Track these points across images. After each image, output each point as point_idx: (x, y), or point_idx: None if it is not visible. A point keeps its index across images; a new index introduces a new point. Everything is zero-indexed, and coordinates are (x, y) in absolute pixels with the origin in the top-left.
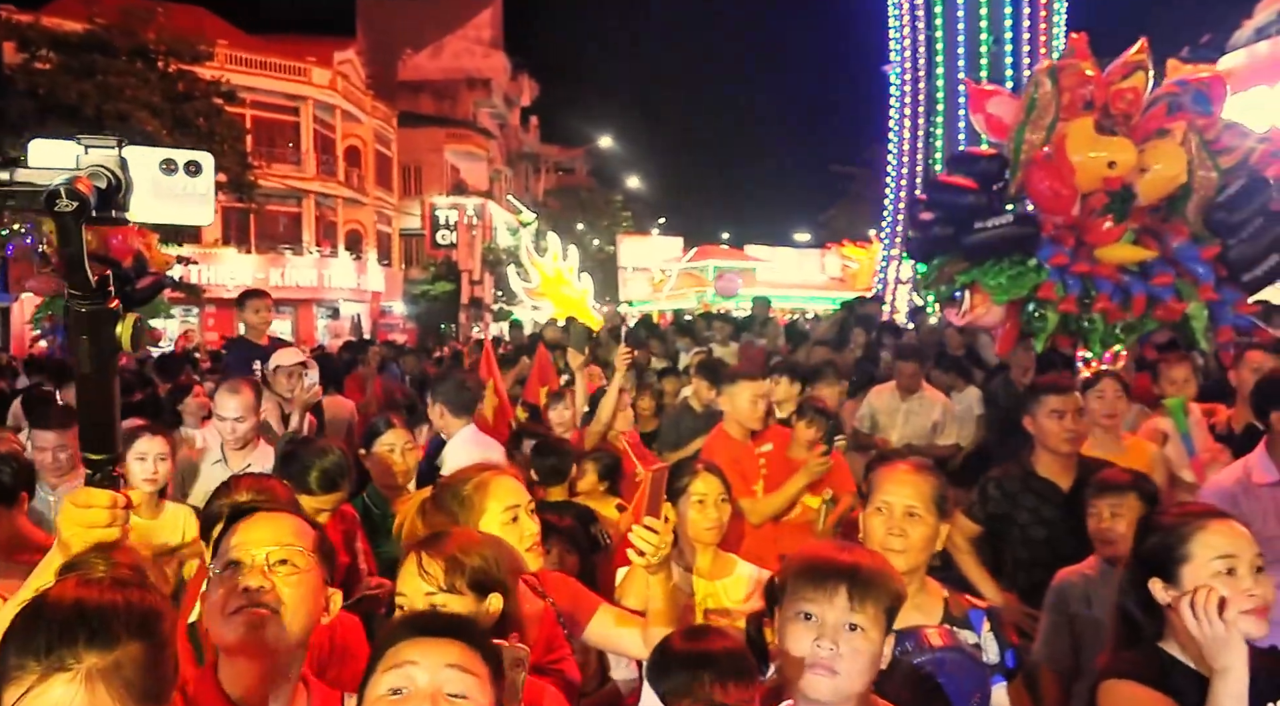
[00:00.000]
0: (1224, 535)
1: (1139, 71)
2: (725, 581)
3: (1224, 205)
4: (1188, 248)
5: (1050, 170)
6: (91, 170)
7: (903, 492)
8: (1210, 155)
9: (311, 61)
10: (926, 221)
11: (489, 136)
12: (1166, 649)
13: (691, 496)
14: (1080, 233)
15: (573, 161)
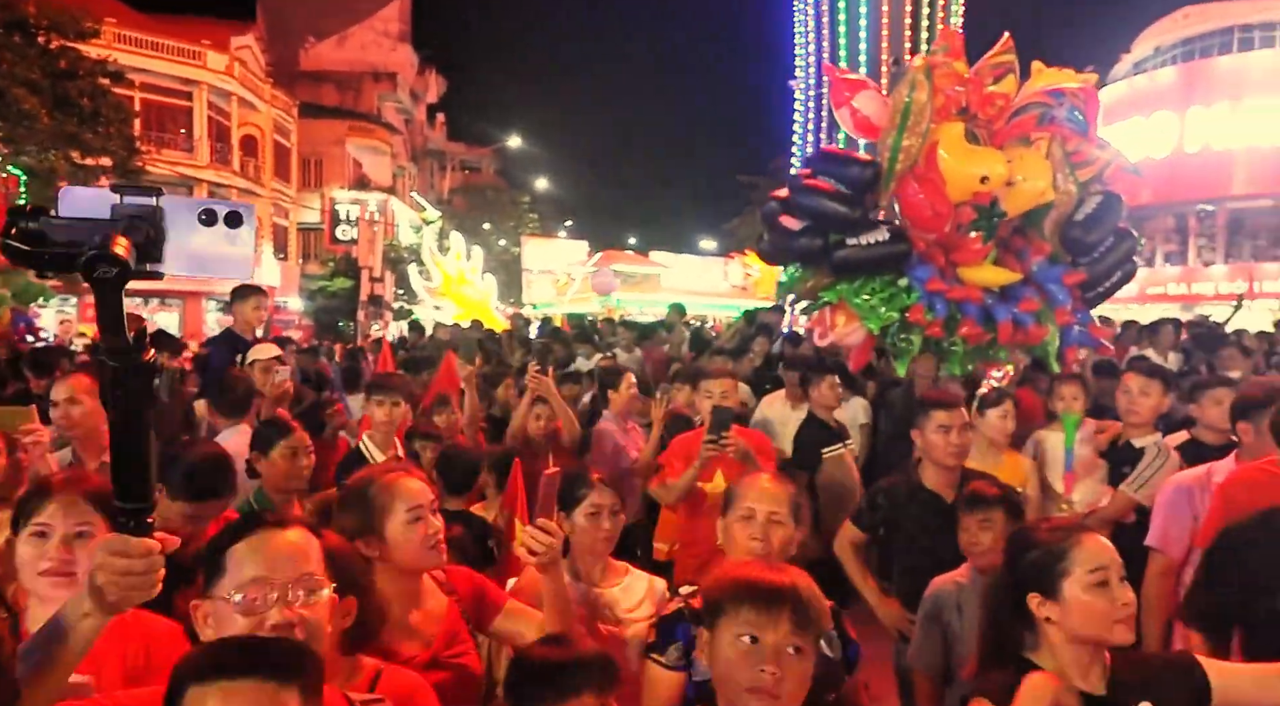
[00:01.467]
0: (1096, 548)
1: (1009, 74)
2: (615, 590)
3: (1082, 224)
4: (1047, 269)
5: (926, 183)
6: (128, 223)
7: (766, 500)
8: (1071, 168)
9: (207, 45)
10: (792, 229)
11: (394, 131)
12: (1037, 661)
13: (586, 507)
14: (948, 250)
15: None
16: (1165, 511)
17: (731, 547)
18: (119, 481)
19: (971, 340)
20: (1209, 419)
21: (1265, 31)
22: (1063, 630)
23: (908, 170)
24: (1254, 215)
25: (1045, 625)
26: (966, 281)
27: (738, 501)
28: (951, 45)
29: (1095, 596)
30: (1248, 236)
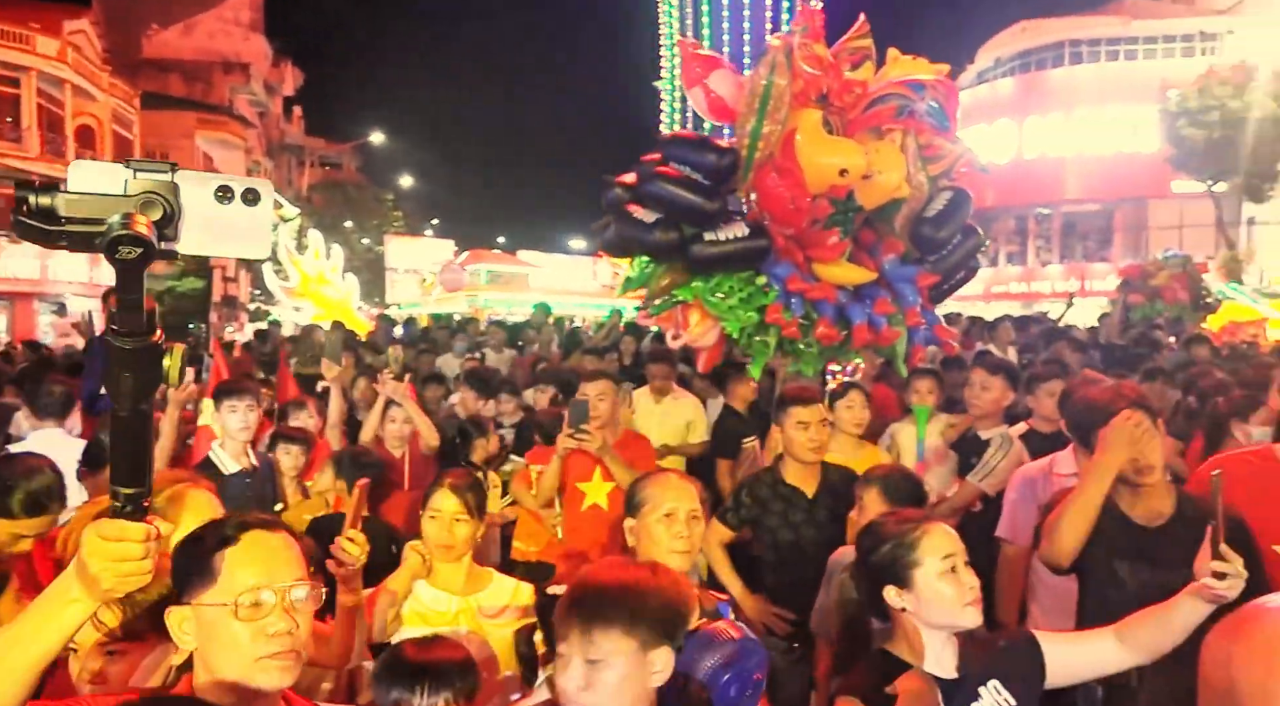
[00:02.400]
0: (943, 537)
1: (867, 61)
2: (480, 595)
3: (932, 220)
4: (899, 267)
5: (785, 174)
6: (144, 198)
7: (686, 498)
8: (923, 162)
9: (36, 28)
10: (641, 219)
11: (247, 124)
12: (893, 650)
13: (427, 512)
14: (804, 245)
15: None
16: (1013, 503)
17: (651, 549)
18: (118, 465)
19: (825, 341)
20: (1043, 410)
21: (1093, 47)
22: (918, 618)
23: (767, 159)
24: (1084, 218)
25: (901, 615)
26: (823, 279)
27: (653, 502)
28: (811, 26)
29: (946, 583)
30: (1079, 238)
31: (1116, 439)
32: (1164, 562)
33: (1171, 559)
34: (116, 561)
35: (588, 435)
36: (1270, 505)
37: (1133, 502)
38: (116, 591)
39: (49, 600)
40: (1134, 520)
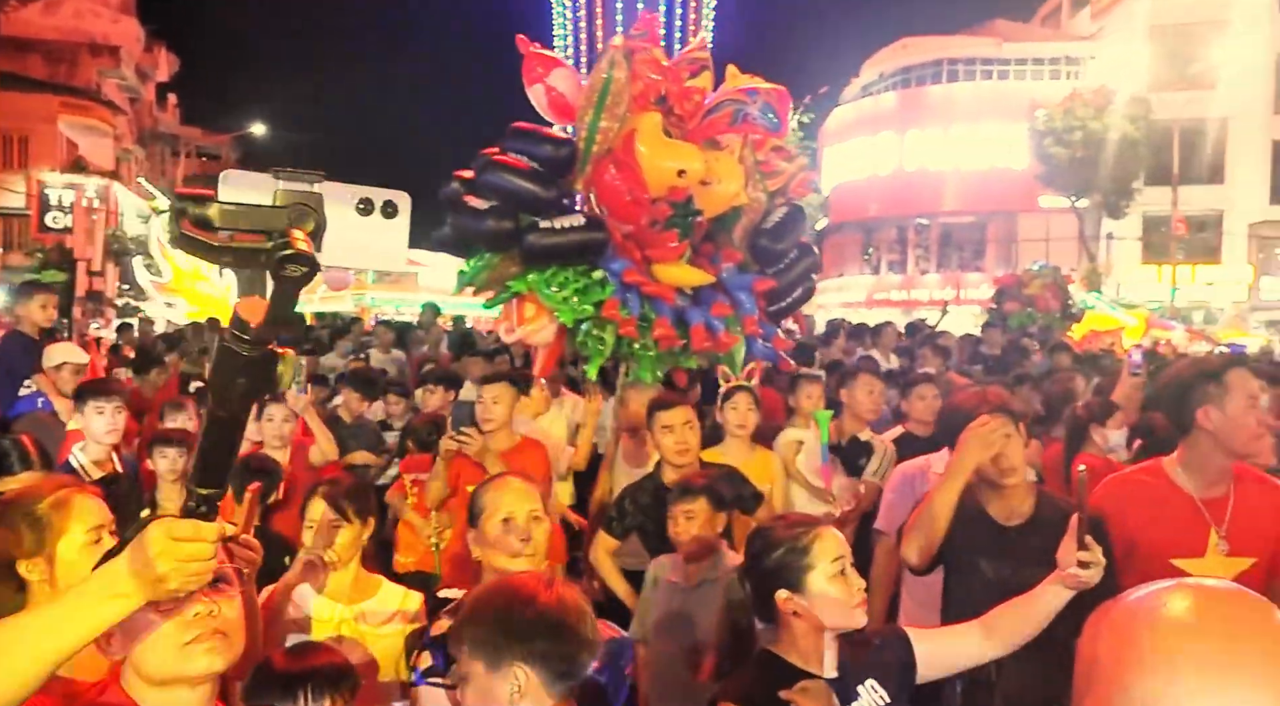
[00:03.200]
0: (835, 540)
1: (705, 71)
2: (367, 603)
3: (769, 233)
4: (736, 275)
5: (624, 169)
6: (297, 210)
7: (524, 499)
8: (761, 176)
9: None
10: (478, 211)
11: (116, 111)
12: (779, 652)
13: (305, 522)
14: (643, 245)
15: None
16: (892, 497)
17: (495, 557)
18: (205, 466)
19: (663, 343)
20: (917, 413)
21: (969, 66)
22: (807, 621)
23: (605, 154)
24: (960, 230)
25: (791, 618)
26: (661, 280)
27: (490, 508)
28: (650, 31)
29: (837, 586)
30: (955, 248)
31: (970, 442)
32: (1023, 559)
33: (1030, 555)
34: (187, 561)
35: (468, 437)
36: (1167, 521)
37: (995, 503)
38: (181, 590)
39: (91, 592)
40: (996, 519)
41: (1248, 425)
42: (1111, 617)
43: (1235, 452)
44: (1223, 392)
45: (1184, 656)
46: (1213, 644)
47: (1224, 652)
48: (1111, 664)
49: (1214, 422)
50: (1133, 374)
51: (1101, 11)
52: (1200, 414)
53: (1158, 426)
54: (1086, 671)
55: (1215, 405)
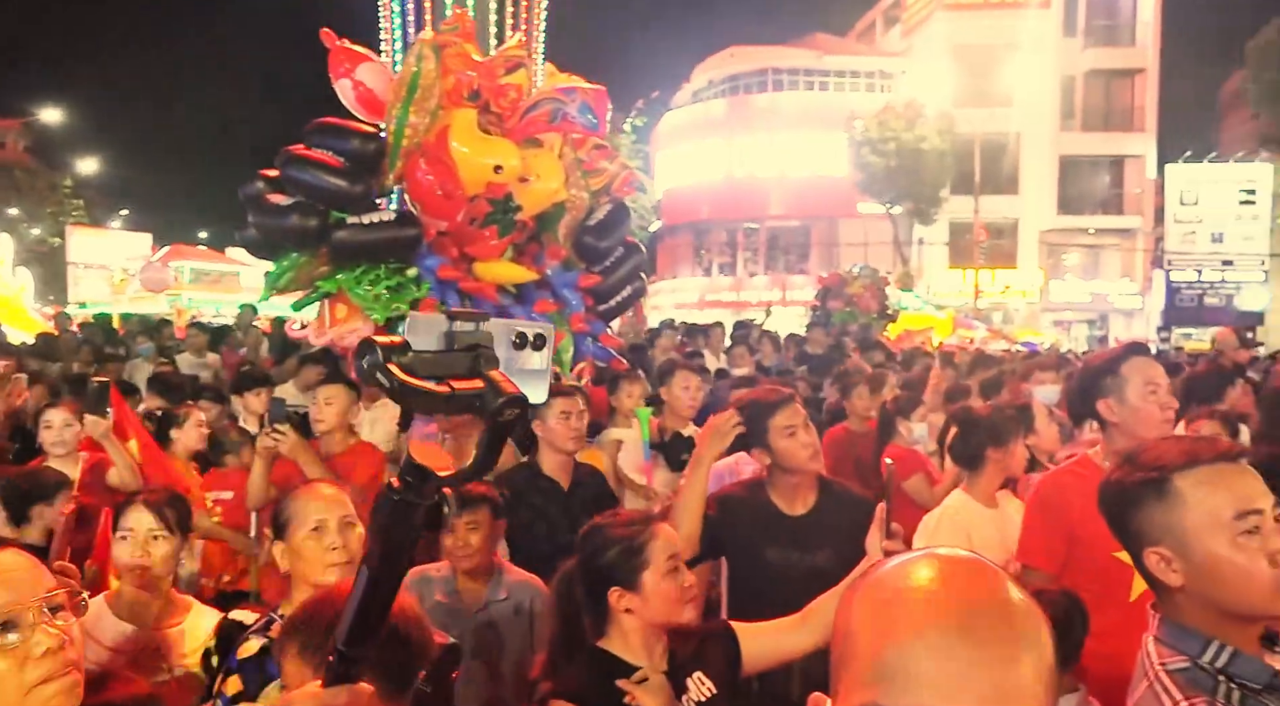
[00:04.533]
0: (669, 537)
1: (521, 68)
2: (174, 631)
3: (593, 230)
4: (561, 273)
5: (437, 165)
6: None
7: (334, 505)
8: (583, 174)
9: None
10: (281, 207)
11: None
12: (609, 648)
13: (119, 532)
14: (461, 242)
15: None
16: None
17: (307, 569)
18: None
19: None
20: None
21: (792, 76)
22: (640, 618)
23: (415, 149)
24: (786, 234)
25: (622, 615)
26: (482, 278)
27: (300, 518)
28: (463, 26)
29: (670, 582)
30: (782, 252)
31: (709, 435)
32: (809, 545)
33: (816, 541)
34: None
35: (282, 435)
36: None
37: (782, 493)
38: None
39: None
40: (782, 509)
41: (1148, 412)
42: (862, 590)
43: (1144, 439)
44: (1120, 384)
45: (928, 624)
46: (953, 611)
47: (963, 619)
48: (864, 635)
49: (1116, 414)
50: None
51: (910, 30)
52: (1102, 407)
53: (971, 419)
54: (842, 643)
55: (1114, 397)
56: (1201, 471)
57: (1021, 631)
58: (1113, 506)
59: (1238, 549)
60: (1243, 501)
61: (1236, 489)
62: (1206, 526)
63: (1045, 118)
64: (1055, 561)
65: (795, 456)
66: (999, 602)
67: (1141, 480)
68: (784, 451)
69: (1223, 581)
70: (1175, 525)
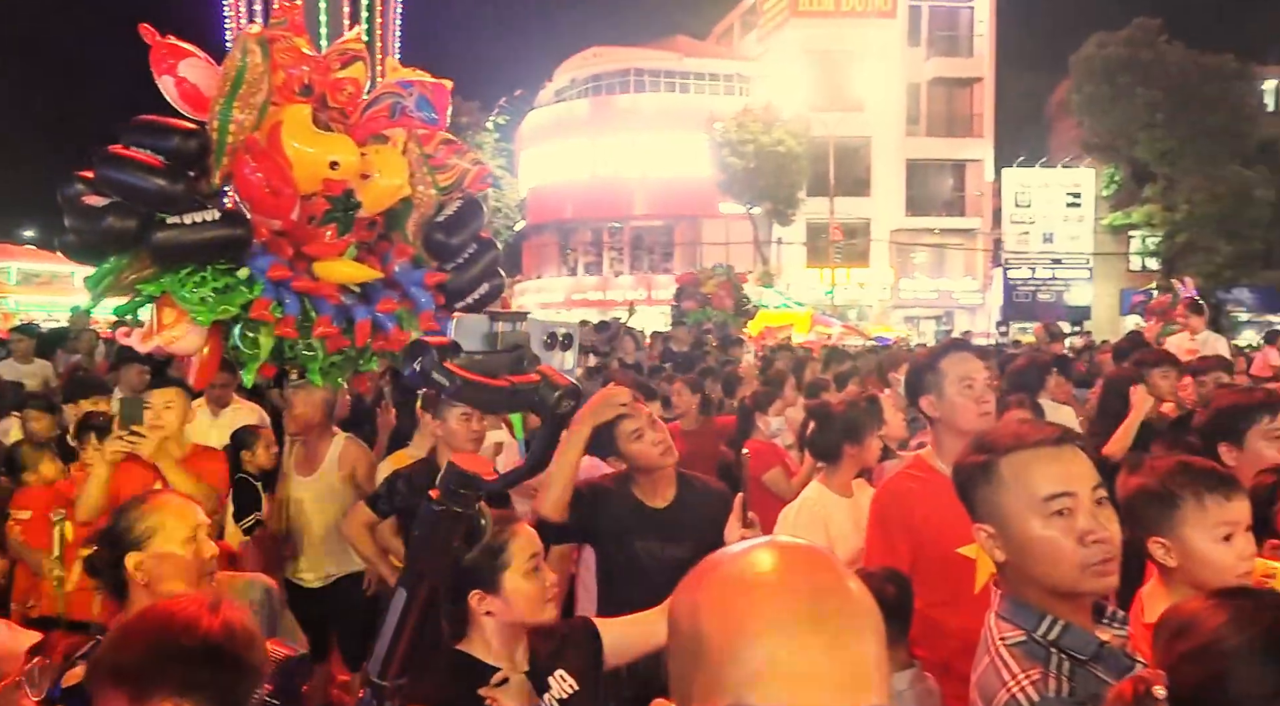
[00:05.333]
0: (529, 536)
1: (358, 62)
2: None
3: (443, 227)
4: (409, 271)
5: (266, 162)
6: (521, 354)
7: (189, 514)
8: (430, 170)
9: None
10: (97, 209)
11: None
12: (468, 650)
13: None
14: (298, 242)
15: None
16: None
17: (170, 584)
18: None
19: (331, 344)
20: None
21: (654, 77)
22: (500, 619)
23: (241, 146)
24: (650, 233)
25: (483, 618)
26: (322, 278)
27: (166, 528)
28: (291, 20)
29: (531, 582)
30: (646, 251)
31: (599, 402)
32: (673, 537)
33: (679, 533)
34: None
35: (141, 437)
36: (946, 510)
37: (645, 487)
38: None
39: None
40: (645, 503)
41: (965, 406)
42: (707, 587)
43: (965, 433)
44: (939, 380)
45: (782, 616)
46: (803, 600)
47: (813, 607)
48: (717, 634)
49: (937, 409)
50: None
51: (766, 35)
52: (924, 403)
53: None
54: (693, 648)
55: (935, 393)
56: (1024, 454)
57: (863, 614)
58: (959, 485)
59: (1048, 528)
60: (1056, 484)
61: (1052, 472)
62: (1021, 506)
63: (893, 123)
64: (900, 566)
65: (646, 456)
66: (842, 588)
67: (974, 461)
68: (635, 454)
69: (1035, 558)
70: (998, 504)
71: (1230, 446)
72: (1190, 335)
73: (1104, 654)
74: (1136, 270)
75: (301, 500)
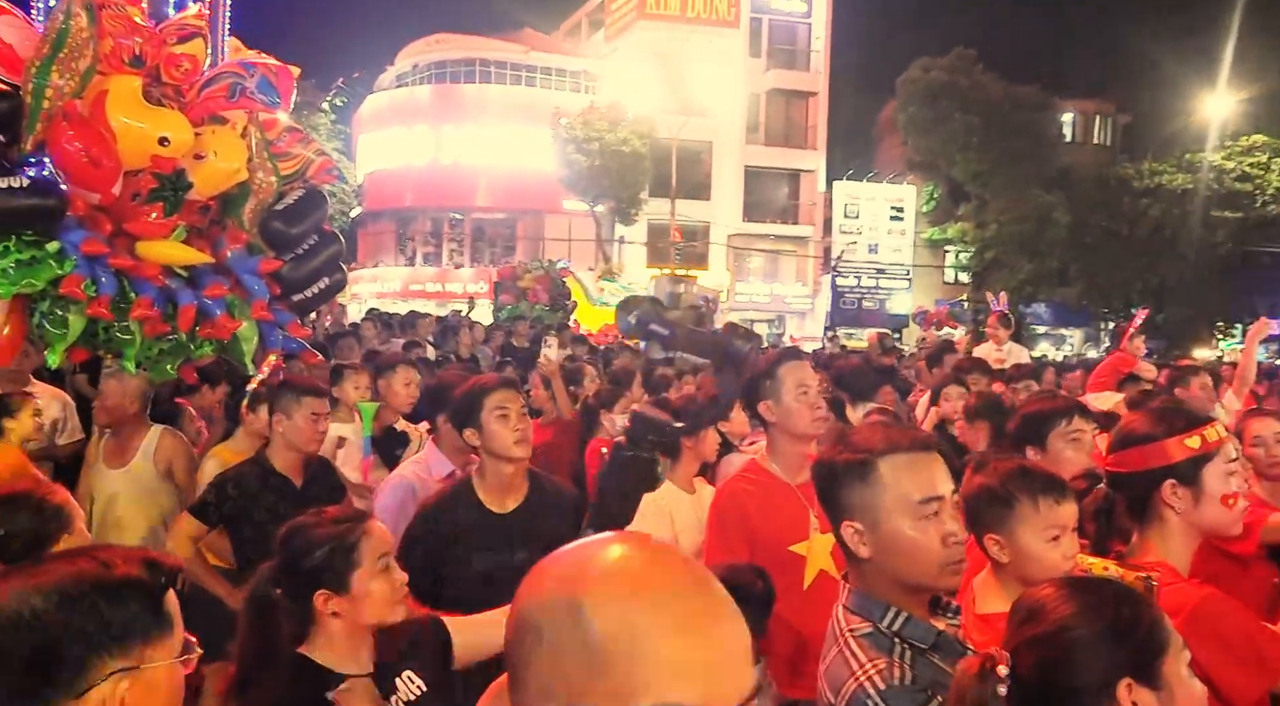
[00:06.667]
0: (380, 535)
1: (197, 38)
2: None
3: (282, 216)
4: (242, 258)
5: (86, 132)
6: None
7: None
8: (271, 157)
9: None
10: None
11: None
12: (312, 655)
13: None
14: (120, 219)
15: None
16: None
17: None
18: None
19: (150, 328)
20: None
21: (500, 69)
22: (348, 621)
23: (59, 112)
24: (493, 225)
25: (329, 619)
26: (144, 258)
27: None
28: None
29: (381, 582)
30: (488, 244)
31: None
32: (516, 543)
33: (523, 538)
34: None
35: None
36: (778, 510)
37: (491, 487)
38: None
39: None
40: (490, 508)
41: (800, 412)
42: (590, 592)
43: (800, 437)
44: (776, 387)
45: (682, 610)
46: (697, 594)
47: (704, 601)
48: (624, 638)
49: (774, 414)
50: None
51: (614, 35)
52: (762, 408)
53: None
54: (585, 654)
55: (772, 399)
56: (900, 457)
57: (732, 603)
58: (822, 481)
59: (918, 529)
60: (929, 487)
61: (925, 475)
62: (896, 506)
63: (734, 130)
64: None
65: (502, 440)
66: (714, 580)
67: (849, 460)
68: (493, 434)
69: (902, 555)
70: (871, 503)
71: (1035, 449)
72: (996, 346)
73: (942, 642)
74: (950, 283)
75: (115, 495)
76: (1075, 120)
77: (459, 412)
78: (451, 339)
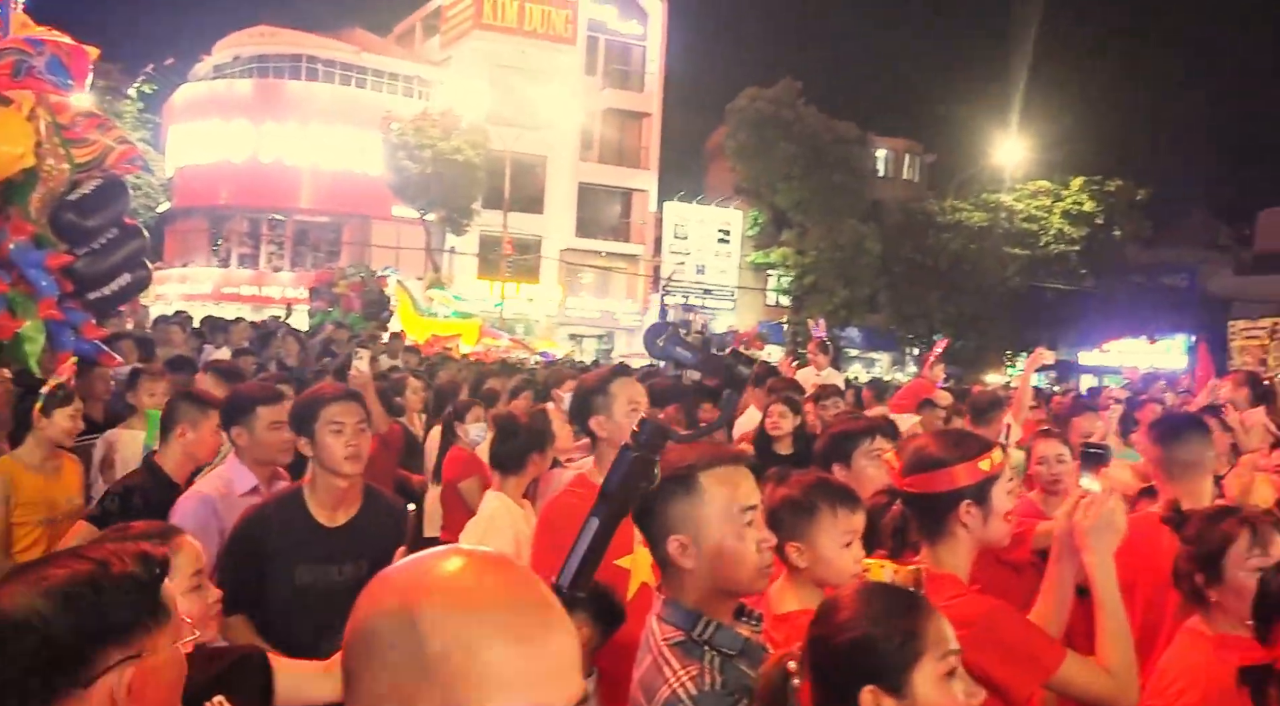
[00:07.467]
0: (193, 552)
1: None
2: None
3: (76, 207)
4: (28, 251)
5: None
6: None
7: None
8: (64, 143)
9: None
10: None
11: None
12: None
13: None
14: None
15: None
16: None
17: None
18: (584, 569)
19: None
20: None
21: (328, 67)
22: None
23: None
24: (316, 229)
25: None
26: None
27: None
28: None
29: (192, 600)
30: (311, 248)
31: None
32: (340, 557)
33: (350, 553)
34: None
35: None
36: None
37: (322, 500)
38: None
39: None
40: (320, 521)
41: (630, 428)
42: (426, 604)
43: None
44: (609, 402)
45: (513, 623)
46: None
47: (537, 614)
48: (456, 649)
49: (605, 429)
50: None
51: (449, 42)
52: (593, 423)
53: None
54: (417, 663)
55: (604, 414)
56: (720, 470)
57: (565, 615)
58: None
59: (739, 537)
60: (745, 497)
61: (742, 486)
62: (720, 517)
63: (568, 146)
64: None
65: (332, 453)
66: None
67: (671, 476)
68: (324, 446)
69: (726, 563)
70: (695, 515)
71: (841, 466)
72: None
73: (748, 648)
74: (772, 305)
75: None
76: (888, 156)
77: (294, 419)
78: (272, 346)
